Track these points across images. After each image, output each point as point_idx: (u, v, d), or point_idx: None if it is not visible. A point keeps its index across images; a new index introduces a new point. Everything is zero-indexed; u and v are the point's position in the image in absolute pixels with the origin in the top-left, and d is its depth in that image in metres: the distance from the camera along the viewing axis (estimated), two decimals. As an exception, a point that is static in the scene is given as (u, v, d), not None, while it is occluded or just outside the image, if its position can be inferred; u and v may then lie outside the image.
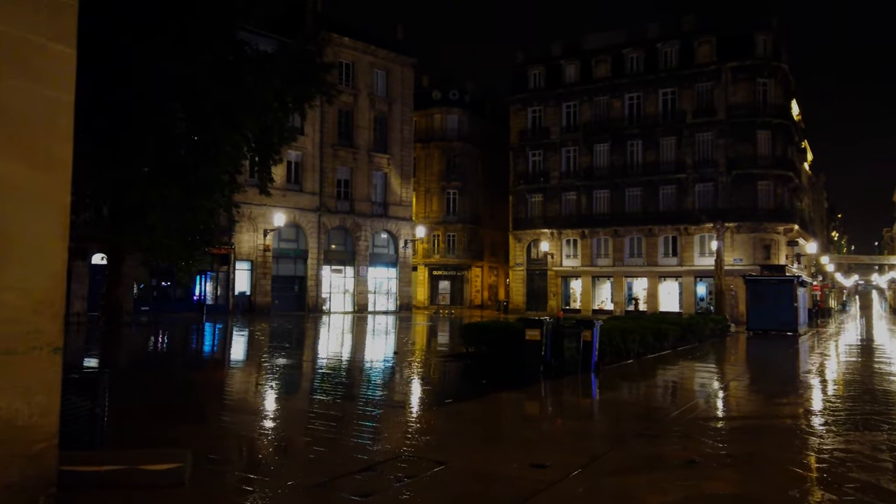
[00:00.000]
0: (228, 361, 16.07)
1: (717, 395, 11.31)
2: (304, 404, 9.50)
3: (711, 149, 44.99)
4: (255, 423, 7.87)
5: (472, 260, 57.65)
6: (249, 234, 36.55)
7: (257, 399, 9.90)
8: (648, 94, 47.28)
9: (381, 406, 9.01)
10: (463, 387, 11.26)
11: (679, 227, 45.32)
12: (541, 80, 52.01)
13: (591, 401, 10.52)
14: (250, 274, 36.78)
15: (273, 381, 12.14)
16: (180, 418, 7.85)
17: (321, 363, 15.63)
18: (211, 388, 10.59)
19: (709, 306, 42.79)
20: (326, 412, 8.79)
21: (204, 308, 33.75)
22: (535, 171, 51.52)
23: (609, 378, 12.84)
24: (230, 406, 9.16)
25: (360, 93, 41.72)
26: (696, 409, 9.48)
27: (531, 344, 12.57)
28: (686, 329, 21.83)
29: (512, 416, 8.68)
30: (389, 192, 43.54)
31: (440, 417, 8.35)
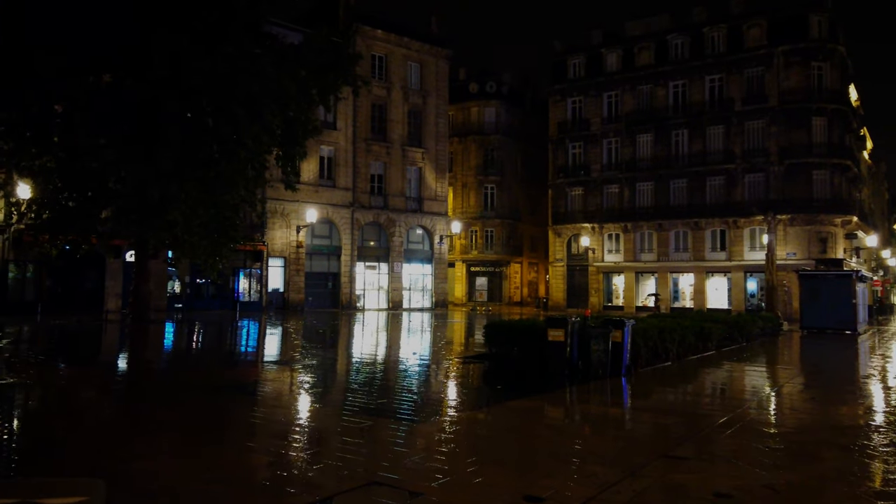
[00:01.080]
0: (232, 363, 15.42)
1: (764, 405, 10.03)
2: (281, 414, 8.66)
3: (762, 137, 42.67)
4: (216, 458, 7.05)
5: (511, 256, 56.43)
6: (282, 231, 36.24)
7: (238, 417, 9.11)
8: (694, 82, 45.19)
9: (372, 417, 8.10)
10: (474, 393, 10.28)
11: (727, 219, 43.18)
12: (580, 69, 50.39)
13: (615, 411, 9.38)
14: (283, 271, 36.50)
15: (267, 385, 11.39)
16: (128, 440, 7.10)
17: (327, 363, 14.84)
18: (198, 398, 9.85)
19: (760, 303, 40.65)
20: (302, 424, 7.94)
21: (237, 305, 33.62)
22: (576, 164, 49.95)
23: (641, 383, 11.67)
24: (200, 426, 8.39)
25: (393, 86, 40.99)
26: (737, 421, 8.28)
27: (555, 345, 11.50)
28: (733, 327, 20.32)
29: (518, 430, 7.66)
30: (424, 187, 42.72)
31: (434, 433, 7.39)
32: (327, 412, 8.75)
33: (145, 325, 22.99)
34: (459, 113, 56.12)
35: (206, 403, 9.10)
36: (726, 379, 13.38)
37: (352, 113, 38.89)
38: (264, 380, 11.97)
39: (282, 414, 8.46)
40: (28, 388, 10.15)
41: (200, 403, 9.07)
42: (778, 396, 10.94)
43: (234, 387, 10.58)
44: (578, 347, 11.88)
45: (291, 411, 8.77)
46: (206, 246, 22.56)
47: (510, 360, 13.35)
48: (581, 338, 11.80)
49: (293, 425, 7.81)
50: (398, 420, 8.02)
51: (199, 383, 10.88)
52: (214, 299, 34.36)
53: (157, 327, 23.30)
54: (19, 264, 28.33)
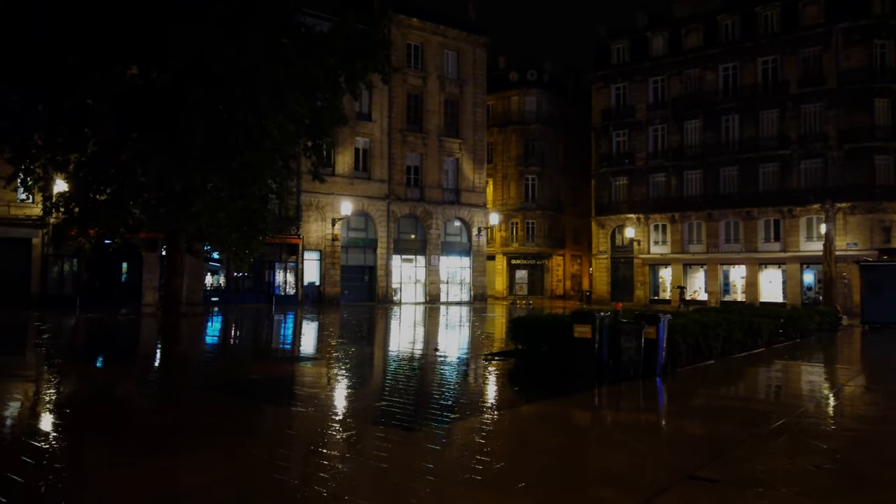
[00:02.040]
0: (261, 360, 14.89)
1: (818, 411, 8.85)
2: (263, 418, 7.96)
3: (819, 121, 40.22)
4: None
5: (553, 248, 55.08)
6: (317, 224, 35.95)
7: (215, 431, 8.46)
8: (746, 64, 42.92)
9: (364, 421, 7.33)
10: (486, 396, 9.39)
11: (782, 208, 40.90)
12: (625, 54, 48.56)
13: (641, 418, 8.32)
14: (319, 264, 36.23)
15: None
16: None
17: (344, 360, 14.16)
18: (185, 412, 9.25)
19: (817, 296, 38.40)
20: (270, 433, 7.23)
21: (273, 299, 33.49)
22: (620, 153, 48.24)
23: (678, 385, 10.59)
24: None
25: (429, 75, 40.18)
26: (784, 432, 7.19)
27: (581, 343, 10.53)
28: (785, 322, 18.84)
29: (520, 443, 6.74)
30: (461, 178, 41.84)
31: (424, 443, 6.56)
32: (315, 420, 8.03)
33: (177, 319, 22.86)
34: (499, 102, 54.95)
35: (207, 405, 8.48)
36: (776, 380, 12.14)
37: (387, 104, 38.27)
38: (281, 380, 11.35)
39: (297, 424, 7.78)
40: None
41: (210, 407, 8.46)
42: (835, 401, 9.71)
43: (254, 389, 9.96)
44: (609, 345, 10.87)
45: (301, 426, 8.08)
46: (234, 239, 22.24)
47: (538, 358, 12.44)
48: (612, 335, 10.79)
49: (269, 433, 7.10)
50: (385, 427, 7.21)
51: (219, 381, 10.32)
52: (250, 293, 34.32)
53: (189, 321, 23.14)
54: (58, 259, 28.73)
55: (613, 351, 10.77)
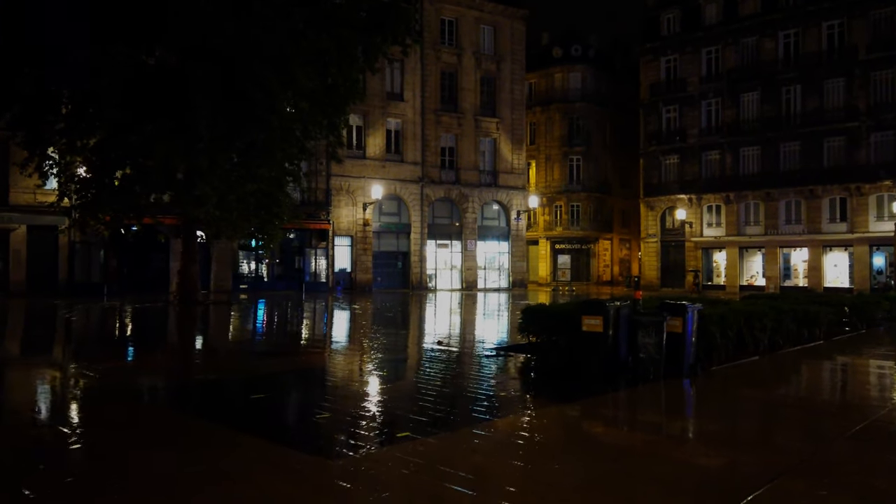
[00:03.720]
0: (264, 362, 13.79)
1: (886, 432, 7.01)
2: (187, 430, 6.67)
3: (892, 89, 36.65)
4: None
5: (600, 232, 52.74)
6: (348, 209, 34.93)
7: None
8: (809, 29, 39.50)
9: (308, 443, 6.00)
10: (470, 402, 7.85)
11: (849, 185, 37.58)
12: (675, 24, 45.57)
13: (637, 439, 6.49)
14: (350, 250, 35.24)
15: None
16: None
17: (346, 353, 12.88)
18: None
19: (889, 281, 35.20)
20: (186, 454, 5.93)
21: (304, 286, 32.73)
22: (670, 130, 45.43)
23: (709, 387, 8.85)
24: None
25: (464, 52, 38.44)
26: (843, 463, 5.47)
27: (591, 338, 8.90)
28: (849, 310, 16.60)
29: (479, 470, 5.26)
30: (499, 160, 40.05)
31: (354, 469, 5.15)
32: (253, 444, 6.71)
33: (194, 307, 22.16)
34: (542, 80, 52.76)
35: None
36: (833, 382, 10.22)
37: (419, 82, 36.81)
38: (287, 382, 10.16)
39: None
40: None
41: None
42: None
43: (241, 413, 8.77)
44: (628, 340, 9.20)
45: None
46: (246, 224, 21.31)
47: (552, 353, 10.83)
48: (631, 328, 9.11)
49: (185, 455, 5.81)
50: (324, 448, 5.82)
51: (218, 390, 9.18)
52: (281, 280, 33.66)
53: (209, 309, 22.39)
54: (86, 246, 28.56)
55: (633, 347, 9.10)
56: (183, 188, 18.96)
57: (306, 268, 34.06)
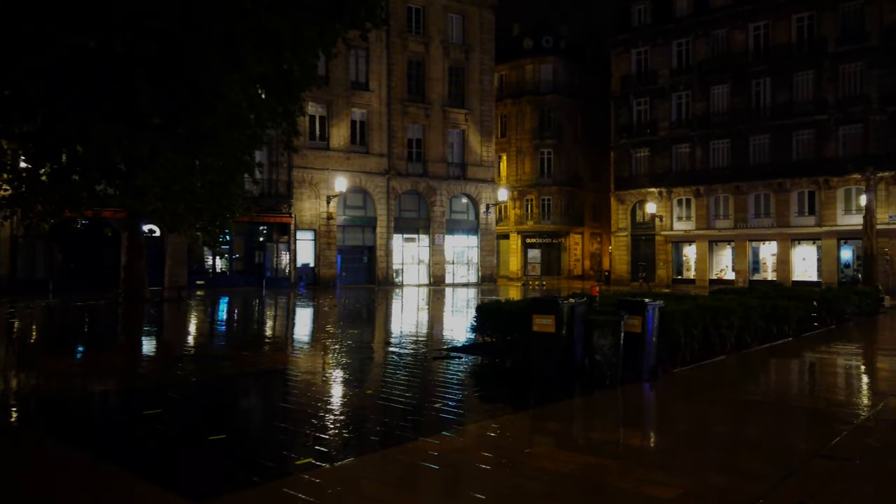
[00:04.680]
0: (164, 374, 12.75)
1: (865, 443, 6.31)
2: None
3: (860, 82, 36.54)
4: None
5: (571, 226, 52.24)
6: (311, 202, 33.78)
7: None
8: (779, 22, 39.25)
9: (183, 476, 5.08)
10: (400, 416, 6.94)
11: (817, 179, 37.46)
12: (646, 15, 45.09)
13: (592, 464, 5.54)
14: (314, 244, 34.10)
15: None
16: None
17: (262, 358, 11.93)
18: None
19: (856, 275, 35.12)
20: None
21: (264, 281, 31.57)
22: (641, 123, 44.98)
23: (669, 394, 8.10)
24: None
25: (432, 41, 37.43)
26: (826, 488, 4.72)
27: (542, 339, 8.10)
28: (818, 305, 16.11)
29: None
30: (468, 152, 39.19)
31: None
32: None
33: (141, 305, 20.94)
34: (513, 72, 51.99)
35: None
36: (803, 386, 9.55)
37: (385, 71, 35.73)
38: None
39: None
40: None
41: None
42: (888, 419, 7.13)
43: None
44: (584, 340, 8.42)
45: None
46: (194, 217, 20.16)
47: (508, 354, 10.02)
48: (587, 328, 8.32)
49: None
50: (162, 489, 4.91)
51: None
52: (240, 275, 32.42)
53: (160, 307, 21.18)
54: (29, 241, 27.05)
55: (589, 348, 8.32)
56: (123, 178, 17.74)
57: (267, 263, 32.85)
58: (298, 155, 32.83)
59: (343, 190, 33.72)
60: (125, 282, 21.67)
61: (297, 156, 32.82)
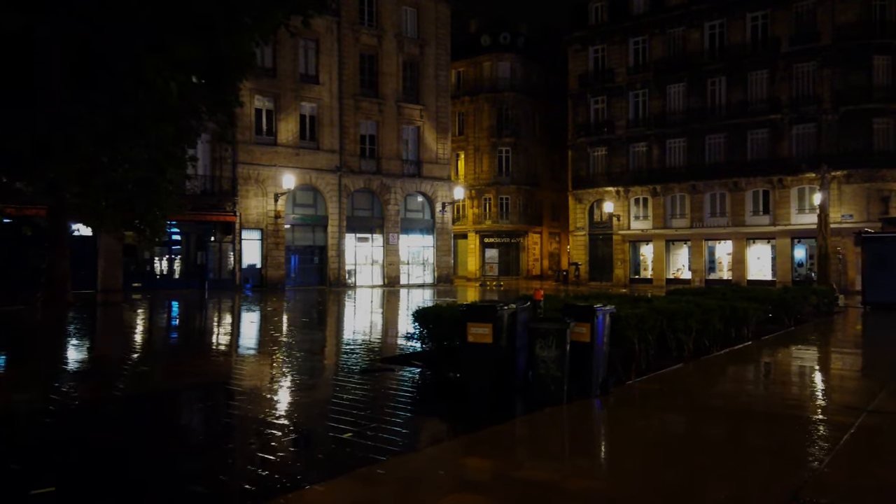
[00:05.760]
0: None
1: (851, 466, 5.45)
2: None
3: (813, 82, 36.77)
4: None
5: (529, 225, 51.67)
6: (257, 200, 32.23)
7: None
8: (734, 21, 39.30)
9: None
10: (300, 454, 5.84)
11: (772, 178, 37.58)
12: (603, 13, 44.77)
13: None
14: (260, 244, 32.56)
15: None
16: None
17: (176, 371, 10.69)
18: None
19: (809, 273, 35.29)
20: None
21: (206, 283, 29.91)
22: (598, 121, 44.63)
23: (620, 414, 7.14)
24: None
25: (385, 34, 36.25)
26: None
27: (478, 350, 7.07)
28: (777, 306, 15.57)
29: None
30: (423, 149, 38.12)
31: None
32: None
33: (63, 310, 19.27)
34: (470, 69, 51.17)
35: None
36: (768, 399, 8.72)
37: (336, 64, 34.40)
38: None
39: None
40: None
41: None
42: (870, 436, 6.32)
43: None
44: (528, 351, 7.43)
45: None
46: (119, 214, 18.61)
47: (447, 366, 8.97)
48: (530, 336, 7.34)
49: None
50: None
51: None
52: (181, 277, 30.71)
53: (84, 312, 19.52)
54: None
55: (533, 360, 7.33)
56: (31, 172, 16.14)
57: (210, 264, 31.17)
58: (244, 150, 31.32)
59: (291, 187, 32.28)
60: (46, 285, 19.96)
61: (243, 151, 31.29)
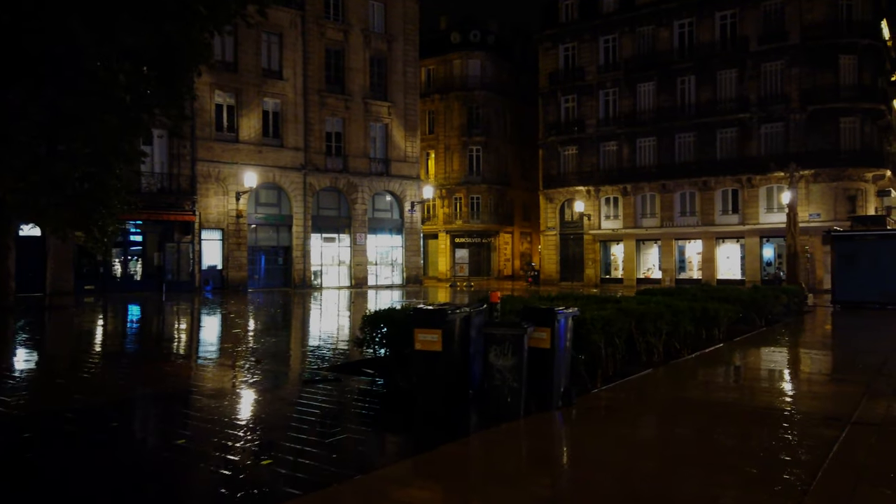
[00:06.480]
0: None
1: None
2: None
3: (781, 81, 36.86)
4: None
5: (500, 225, 51.18)
6: (218, 199, 31.14)
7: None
8: (703, 20, 39.26)
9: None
10: (206, 491, 5.11)
11: (741, 177, 37.60)
12: (574, 11, 44.46)
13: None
14: (222, 245, 31.46)
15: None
16: None
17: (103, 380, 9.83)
18: None
19: (778, 272, 35.35)
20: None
21: (164, 285, 28.79)
22: (569, 120, 44.31)
23: (582, 430, 6.47)
24: None
25: (352, 28, 35.38)
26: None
27: (427, 359, 6.37)
28: (748, 306, 15.17)
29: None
30: (392, 147, 37.33)
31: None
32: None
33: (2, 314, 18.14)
34: (440, 66, 50.52)
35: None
36: (742, 411, 8.15)
37: (301, 59, 33.45)
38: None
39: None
40: None
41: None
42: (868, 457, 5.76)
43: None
44: (483, 359, 6.75)
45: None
46: (62, 213, 17.54)
47: (400, 375, 8.26)
48: (485, 343, 6.66)
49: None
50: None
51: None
52: (137, 279, 29.50)
53: (24, 317, 18.38)
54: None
55: (487, 369, 6.66)
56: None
57: (168, 265, 30.00)
58: (203, 147, 30.23)
59: (254, 185, 31.26)
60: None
61: (202, 148, 30.19)
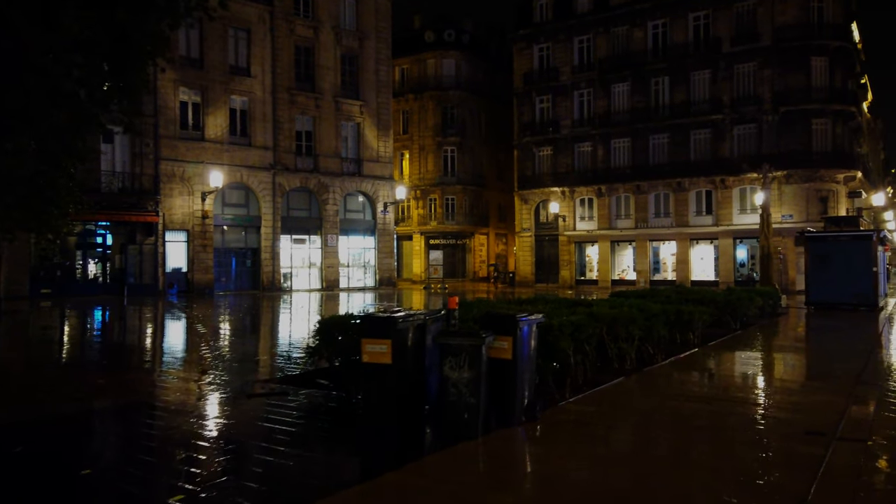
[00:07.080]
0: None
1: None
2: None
3: (754, 82, 36.93)
4: None
5: (476, 226, 50.72)
6: (183, 199, 30.17)
7: None
8: (676, 20, 39.22)
9: None
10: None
11: (714, 178, 37.58)
12: (548, 11, 44.20)
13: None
14: (187, 246, 30.49)
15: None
16: None
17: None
18: None
19: (751, 273, 35.37)
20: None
21: (125, 289, 27.76)
22: (544, 120, 44.02)
23: (546, 451, 5.92)
24: None
25: (322, 25, 34.63)
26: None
27: (375, 371, 5.78)
28: (723, 308, 14.83)
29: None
30: (364, 147, 36.63)
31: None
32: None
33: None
34: (414, 66, 49.92)
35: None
36: (720, 421, 7.67)
37: (270, 56, 32.62)
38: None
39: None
40: None
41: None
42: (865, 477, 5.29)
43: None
44: (440, 370, 6.16)
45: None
46: (9, 213, 16.53)
47: (353, 386, 7.64)
48: (441, 353, 6.08)
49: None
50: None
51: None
52: (97, 282, 28.42)
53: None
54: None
55: (443, 382, 6.08)
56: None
57: (130, 268, 28.96)
58: (167, 145, 29.26)
59: (220, 185, 30.36)
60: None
61: (166, 146, 29.23)
